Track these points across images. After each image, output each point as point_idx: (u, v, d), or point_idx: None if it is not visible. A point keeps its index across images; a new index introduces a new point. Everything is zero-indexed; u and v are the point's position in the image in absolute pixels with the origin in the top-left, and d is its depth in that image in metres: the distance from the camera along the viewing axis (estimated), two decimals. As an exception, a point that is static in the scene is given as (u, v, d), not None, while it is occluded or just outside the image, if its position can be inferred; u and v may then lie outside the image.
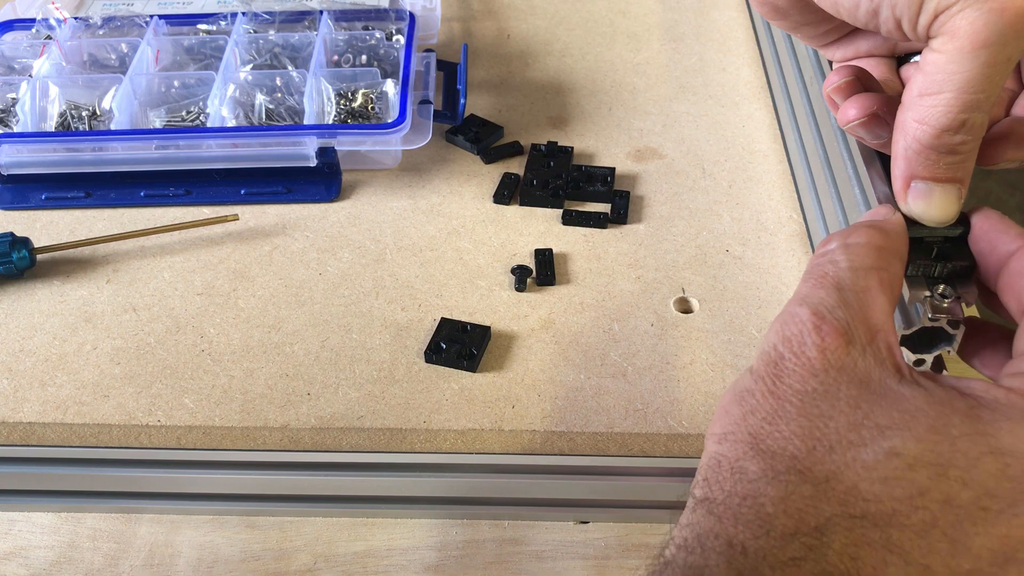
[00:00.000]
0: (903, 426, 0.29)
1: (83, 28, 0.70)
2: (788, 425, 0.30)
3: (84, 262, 0.57)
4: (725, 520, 0.29)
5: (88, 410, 0.48)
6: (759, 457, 0.30)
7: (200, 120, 0.63)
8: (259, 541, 0.50)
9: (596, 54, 0.74)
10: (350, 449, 0.48)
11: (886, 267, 0.33)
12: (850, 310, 0.31)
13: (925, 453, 0.28)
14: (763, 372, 0.31)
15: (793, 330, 0.31)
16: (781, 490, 0.29)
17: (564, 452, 0.47)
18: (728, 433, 0.31)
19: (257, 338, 0.51)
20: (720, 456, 0.31)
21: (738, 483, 0.29)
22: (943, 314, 0.37)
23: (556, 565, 0.48)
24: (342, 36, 0.68)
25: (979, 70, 0.32)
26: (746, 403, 0.31)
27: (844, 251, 0.33)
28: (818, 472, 0.29)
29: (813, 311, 0.31)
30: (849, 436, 0.29)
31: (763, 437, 0.30)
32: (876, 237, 0.34)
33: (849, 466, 0.29)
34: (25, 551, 0.50)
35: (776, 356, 0.31)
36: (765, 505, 0.28)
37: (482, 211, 0.60)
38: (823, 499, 0.28)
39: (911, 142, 0.35)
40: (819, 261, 0.34)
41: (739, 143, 0.65)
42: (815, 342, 0.31)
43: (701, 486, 0.31)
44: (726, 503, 0.29)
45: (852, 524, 0.28)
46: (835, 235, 0.35)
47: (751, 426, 0.30)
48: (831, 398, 0.30)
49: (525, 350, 0.50)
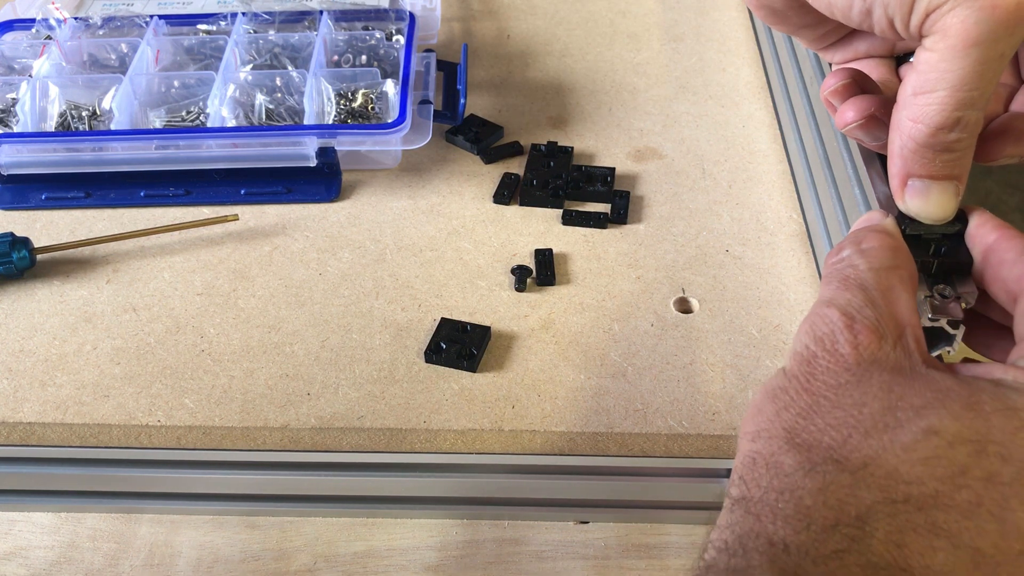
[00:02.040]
0: (938, 404, 0.29)
1: (83, 28, 0.70)
2: (823, 418, 0.30)
3: (84, 262, 0.57)
4: (764, 518, 0.28)
5: (88, 410, 0.48)
6: (795, 451, 0.29)
7: (200, 120, 0.63)
8: (259, 541, 0.50)
9: (596, 54, 0.74)
10: (350, 449, 0.48)
11: (903, 265, 0.34)
12: (877, 309, 0.32)
13: (963, 430, 0.28)
14: (796, 371, 0.31)
15: (824, 330, 0.32)
16: (819, 481, 0.28)
17: (564, 452, 0.47)
18: (762, 431, 0.31)
19: (257, 338, 0.52)
20: (755, 453, 0.30)
21: (775, 478, 0.29)
22: (943, 314, 0.37)
23: (556, 565, 0.48)
24: (342, 36, 0.68)
25: (972, 67, 0.32)
26: (779, 400, 0.31)
27: (861, 255, 0.34)
28: (855, 459, 0.28)
29: (843, 312, 0.32)
30: (885, 419, 0.29)
31: (798, 431, 0.30)
32: (887, 239, 0.35)
33: (887, 449, 0.28)
34: (25, 551, 0.50)
35: (809, 355, 0.31)
36: (804, 498, 0.28)
37: (482, 211, 0.60)
38: (863, 486, 0.28)
39: (907, 141, 0.35)
40: (838, 267, 0.34)
41: (739, 143, 0.65)
42: (848, 339, 0.31)
43: (737, 485, 0.30)
44: (763, 499, 0.29)
45: (895, 510, 0.27)
46: (845, 243, 0.35)
47: (785, 422, 0.30)
48: (864, 386, 0.30)
49: (525, 350, 0.50)
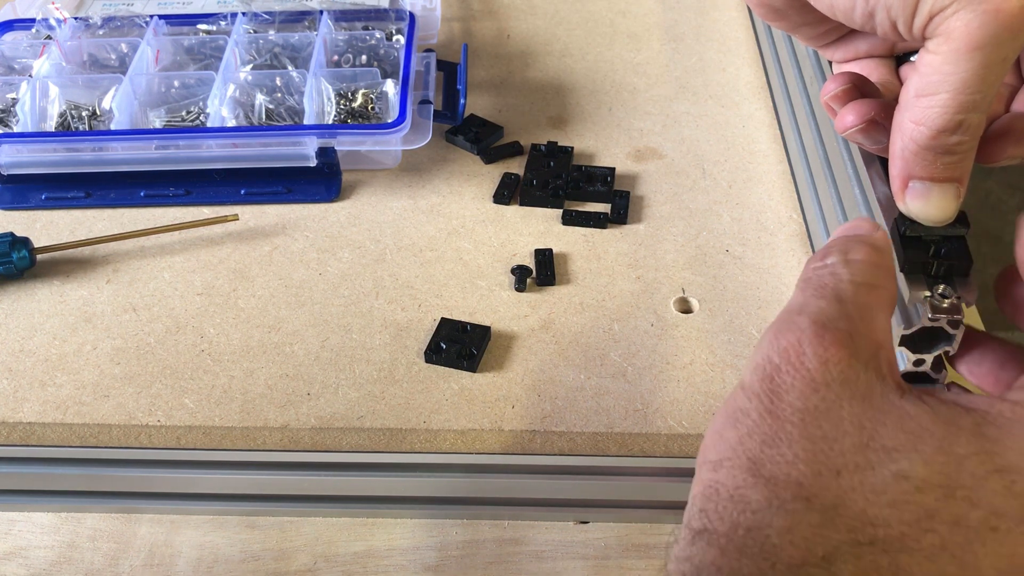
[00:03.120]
0: (910, 447, 0.28)
1: (83, 28, 0.70)
2: (791, 448, 0.28)
3: (84, 262, 0.57)
4: (728, 554, 0.28)
5: (88, 410, 0.48)
6: (761, 485, 0.28)
7: (200, 120, 0.63)
8: (259, 541, 0.50)
9: (596, 54, 0.74)
10: (350, 449, 0.48)
11: (885, 285, 0.32)
12: (852, 323, 0.30)
13: (933, 475, 0.28)
14: (758, 388, 0.30)
15: (791, 339, 0.30)
16: (787, 520, 0.27)
17: (564, 452, 0.47)
18: (724, 459, 0.29)
19: (257, 338, 0.52)
20: (716, 484, 0.29)
21: (740, 514, 0.28)
22: (943, 314, 0.37)
23: (556, 565, 0.48)
24: (342, 36, 0.68)
25: (975, 71, 0.32)
26: (741, 425, 0.29)
27: (846, 265, 0.32)
28: (825, 499, 0.28)
29: (814, 320, 0.30)
30: (856, 459, 0.28)
31: (763, 462, 0.28)
32: (875, 255, 0.33)
33: (856, 490, 0.28)
34: (25, 551, 0.50)
35: (772, 369, 0.29)
36: (771, 536, 0.27)
37: (482, 211, 0.60)
38: (831, 527, 0.27)
39: (908, 143, 0.35)
40: (818, 272, 0.32)
41: (739, 143, 0.65)
42: (816, 352, 0.29)
43: (698, 517, 0.29)
44: (728, 535, 0.28)
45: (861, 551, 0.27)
46: (832, 249, 0.33)
47: (749, 450, 0.29)
48: (834, 417, 0.29)
49: (525, 350, 0.50)
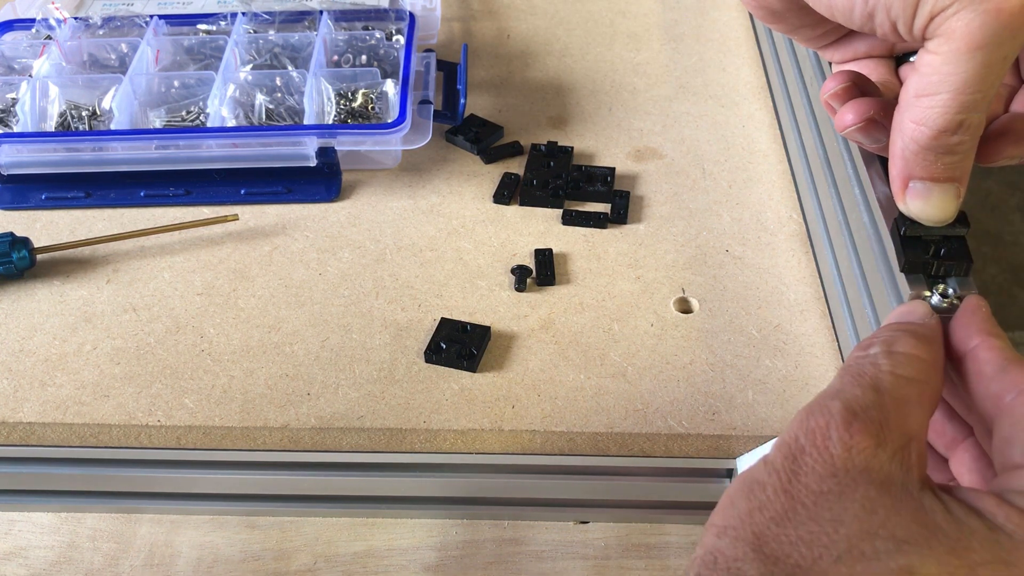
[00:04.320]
0: (922, 542, 0.27)
1: (83, 28, 0.70)
2: (796, 530, 0.28)
3: (84, 262, 0.57)
4: None
5: (88, 410, 0.48)
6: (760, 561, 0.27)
7: (200, 120, 0.63)
8: (259, 541, 0.50)
9: (596, 54, 0.74)
10: (350, 449, 0.48)
11: (928, 381, 0.31)
12: (886, 413, 0.29)
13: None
14: (779, 464, 0.29)
15: (820, 422, 0.29)
16: None
17: (564, 452, 0.47)
18: (729, 528, 0.29)
19: (257, 338, 0.52)
20: (717, 552, 0.28)
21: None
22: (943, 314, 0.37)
23: (556, 565, 0.48)
24: (342, 36, 0.68)
25: (975, 71, 0.32)
26: (755, 497, 0.29)
27: (888, 357, 0.31)
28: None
29: (845, 406, 0.29)
30: (861, 546, 0.27)
31: (768, 539, 0.28)
32: (922, 350, 0.32)
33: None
34: (25, 551, 0.50)
35: (796, 448, 0.29)
36: None
37: (482, 211, 0.60)
38: None
39: (908, 143, 0.35)
40: (859, 362, 0.32)
41: (739, 143, 0.65)
42: (841, 438, 0.29)
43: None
44: None
45: None
46: (877, 338, 0.33)
47: (757, 524, 0.28)
48: (846, 500, 0.28)
49: (525, 350, 0.50)
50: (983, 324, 0.33)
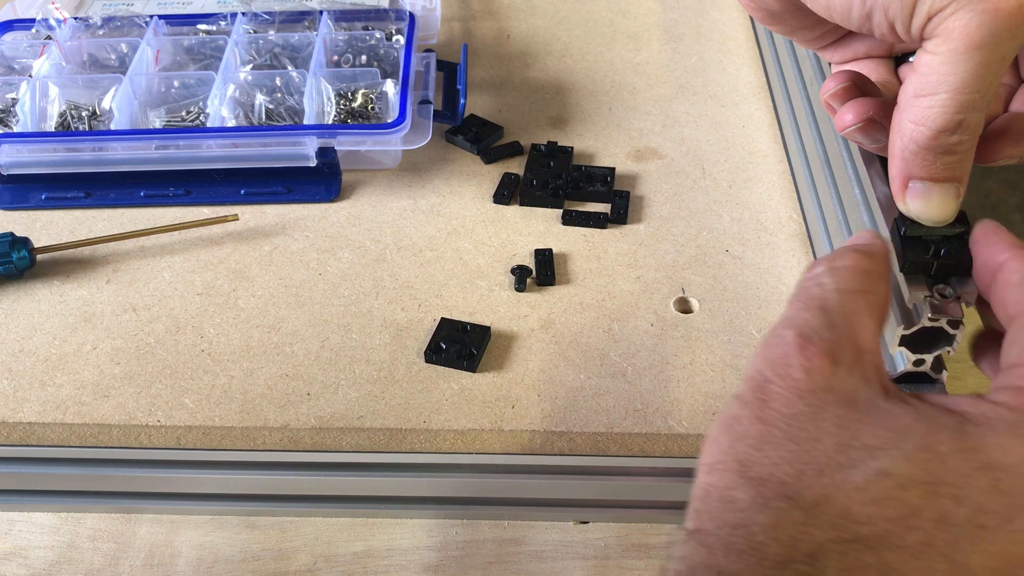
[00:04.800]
0: (892, 445, 0.29)
1: (83, 28, 0.70)
2: (776, 450, 0.29)
3: (84, 262, 0.57)
4: (716, 551, 0.28)
5: (88, 410, 0.48)
6: (748, 485, 0.29)
7: (200, 120, 0.63)
8: (259, 541, 0.50)
9: (596, 54, 0.74)
10: (350, 449, 0.48)
11: (872, 289, 0.33)
12: (836, 331, 0.31)
13: (916, 472, 0.28)
14: (749, 397, 0.31)
15: (778, 352, 0.31)
16: (771, 517, 0.28)
17: (564, 452, 0.47)
18: (717, 463, 0.30)
19: (257, 338, 0.52)
20: (709, 486, 0.30)
21: (728, 512, 0.29)
22: (943, 314, 0.37)
23: (556, 565, 0.48)
24: (342, 36, 0.68)
25: (974, 70, 0.32)
26: (733, 430, 0.31)
27: (830, 274, 0.33)
28: (808, 497, 0.28)
29: (798, 332, 0.31)
30: (838, 458, 0.29)
31: (751, 464, 0.29)
32: (862, 260, 0.33)
33: (839, 489, 0.28)
34: (25, 551, 0.50)
35: (761, 380, 0.31)
36: (756, 534, 0.28)
37: (482, 211, 0.60)
38: (815, 524, 0.28)
39: (908, 143, 0.35)
40: (806, 284, 0.33)
41: (739, 143, 0.65)
42: (800, 363, 0.30)
43: (692, 518, 0.30)
44: (717, 534, 0.29)
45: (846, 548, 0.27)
46: (822, 259, 0.34)
47: (739, 453, 0.30)
48: (817, 419, 0.30)
49: (525, 350, 0.50)
50: (1009, 239, 0.35)
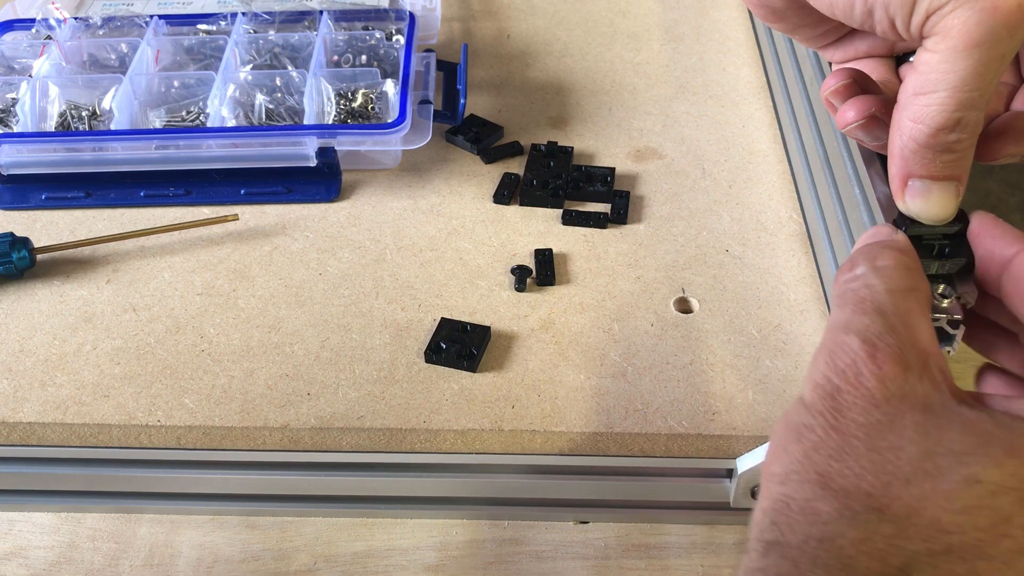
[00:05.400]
0: (979, 451, 0.28)
1: (83, 28, 0.70)
2: (858, 461, 0.29)
3: (84, 262, 0.57)
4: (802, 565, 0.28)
5: (88, 410, 0.48)
6: (831, 497, 0.28)
7: (200, 120, 0.63)
8: (259, 541, 0.50)
9: (596, 54, 0.74)
10: (350, 449, 0.48)
11: (918, 286, 0.32)
12: (898, 335, 0.30)
13: (1007, 478, 0.28)
14: (820, 406, 0.30)
15: (846, 360, 0.30)
16: (861, 531, 0.28)
17: (564, 452, 0.47)
18: (792, 472, 0.30)
19: (257, 338, 0.52)
20: (787, 498, 0.29)
21: (812, 526, 0.28)
22: (943, 314, 0.37)
23: (556, 565, 0.48)
24: (342, 36, 0.68)
25: (973, 68, 0.32)
26: (806, 440, 0.30)
27: (877, 274, 0.32)
28: (898, 508, 0.28)
29: (863, 339, 0.30)
30: (924, 466, 0.28)
31: (832, 475, 0.29)
32: (902, 258, 0.33)
33: (929, 498, 0.28)
34: (25, 551, 0.50)
35: (832, 388, 0.30)
36: (845, 547, 0.28)
37: (482, 211, 0.60)
38: (904, 537, 0.27)
39: (907, 141, 0.35)
40: (852, 286, 0.33)
41: (739, 143, 0.65)
42: (872, 371, 0.30)
43: (770, 530, 0.29)
44: (801, 547, 0.28)
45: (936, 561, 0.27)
46: (859, 258, 0.34)
47: (817, 464, 0.29)
48: (896, 427, 0.29)
49: (525, 350, 0.50)
50: (1013, 232, 0.35)
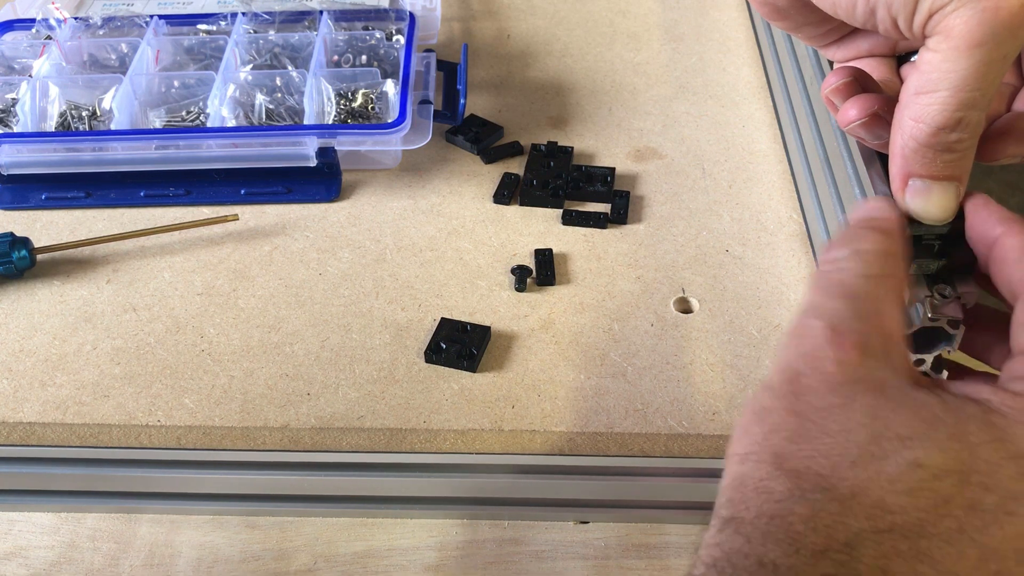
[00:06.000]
0: (924, 436, 0.29)
1: (83, 28, 0.70)
2: (811, 443, 0.30)
3: (84, 262, 0.57)
4: (754, 540, 0.29)
5: (88, 410, 0.48)
6: (784, 477, 0.30)
7: (200, 120, 0.63)
8: (259, 541, 0.50)
9: (596, 54, 0.74)
10: (350, 449, 0.48)
11: (894, 273, 0.33)
12: (865, 321, 0.31)
13: (948, 462, 0.29)
14: (782, 390, 0.31)
15: (809, 345, 0.31)
16: (809, 508, 0.29)
17: (564, 452, 0.47)
18: (750, 453, 0.31)
19: (257, 338, 0.51)
20: (744, 476, 0.31)
21: (765, 503, 0.29)
22: (943, 314, 0.37)
23: (556, 565, 0.48)
24: (342, 36, 0.68)
25: (974, 68, 0.32)
26: (766, 422, 0.31)
27: (854, 258, 0.33)
28: (843, 488, 0.29)
29: (828, 324, 0.31)
30: (871, 449, 0.29)
31: (787, 456, 0.30)
32: (884, 243, 0.34)
33: (873, 480, 0.29)
34: (25, 551, 0.50)
35: (793, 373, 0.31)
36: (794, 524, 0.29)
37: (482, 211, 0.60)
38: (850, 515, 0.28)
39: (908, 140, 0.35)
40: (828, 268, 0.33)
41: (739, 143, 0.65)
42: (832, 356, 0.31)
43: (727, 507, 0.30)
44: (754, 522, 0.29)
45: (881, 538, 0.28)
46: (842, 241, 0.34)
47: (774, 445, 0.30)
48: (849, 411, 0.30)
49: (525, 350, 0.50)
50: (1002, 213, 0.35)
